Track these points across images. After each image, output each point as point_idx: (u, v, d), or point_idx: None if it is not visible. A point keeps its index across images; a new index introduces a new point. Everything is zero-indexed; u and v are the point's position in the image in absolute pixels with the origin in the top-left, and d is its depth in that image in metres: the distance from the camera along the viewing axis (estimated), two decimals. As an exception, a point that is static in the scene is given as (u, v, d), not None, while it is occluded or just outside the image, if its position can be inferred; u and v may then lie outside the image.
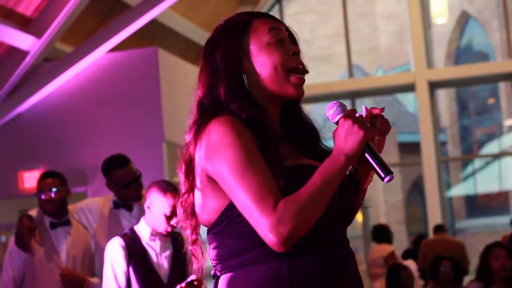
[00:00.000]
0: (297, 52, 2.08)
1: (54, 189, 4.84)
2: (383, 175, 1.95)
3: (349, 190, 2.04)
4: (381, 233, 8.59)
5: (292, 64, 2.06)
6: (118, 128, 8.19)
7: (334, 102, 2.01)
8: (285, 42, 2.07)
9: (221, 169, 1.91)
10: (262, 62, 2.04)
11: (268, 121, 2.03)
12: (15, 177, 8.38)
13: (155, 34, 10.29)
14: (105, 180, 4.82)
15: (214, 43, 2.09)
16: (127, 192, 4.70)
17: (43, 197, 4.84)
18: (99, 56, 8.24)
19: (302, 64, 2.08)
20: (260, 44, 2.06)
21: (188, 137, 2.03)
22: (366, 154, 1.96)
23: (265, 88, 2.05)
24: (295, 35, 2.13)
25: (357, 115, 1.94)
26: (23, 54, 8.01)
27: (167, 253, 4.05)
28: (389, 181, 1.94)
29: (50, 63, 8.41)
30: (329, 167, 1.90)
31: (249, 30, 2.07)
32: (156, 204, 3.93)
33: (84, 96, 8.36)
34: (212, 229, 1.99)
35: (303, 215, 1.85)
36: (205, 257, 2.08)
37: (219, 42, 2.08)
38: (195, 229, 2.07)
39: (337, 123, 1.98)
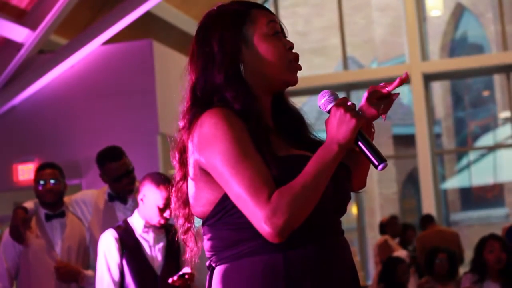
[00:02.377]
0: (292, 47, 2.09)
1: (53, 180, 4.83)
2: (376, 163, 1.93)
3: (342, 179, 2.04)
4: (381, 227, 9.91)
5: (290, 57, 2.07)
6: (112, 120, 8.18)
7: (326, 90, 2.00)
8: (281, 36, 2.09)
9: (215, 162, 1.91)
10: (263, 52, 2.04)
11: (261, 112, 2.03)
12: (10, 170, 8.36)
13: (150, 26, 10.27)
14: (99, 172, 4.82)
15: (209, 29, 2.08)
16: (118, 186, 4.70)
17: (41, 187, 4.82)
18: (93, 48, 8.23)
19: (297, 57, 2.09)
20: (260, 35, 2.05)
21: (181, 124, 2.03)
22: (359, 143, 1.94)
23: (263, 77, 2.05)
24: (285, 29, 2.13)
25: (349, 103, 1.93)
26: (17, 46, 7.99)
27: (161, 245, 4.05)
28: (382, 168, 1.92)
29: (45, 56, 8.39)
30: (322, 156, 1.90)
31: (248, 20, 2.06)
32: (150, 196, 3.93)
33: (79, 89, 8.34)
34: (207, 221, 1.99)
35: (298, 205, 1.84)
36: (198, 246, 2.09)
37: (215, 29, 2.07)
38: (188, 218, 2.07)
39: (329, 112, 1.96)
